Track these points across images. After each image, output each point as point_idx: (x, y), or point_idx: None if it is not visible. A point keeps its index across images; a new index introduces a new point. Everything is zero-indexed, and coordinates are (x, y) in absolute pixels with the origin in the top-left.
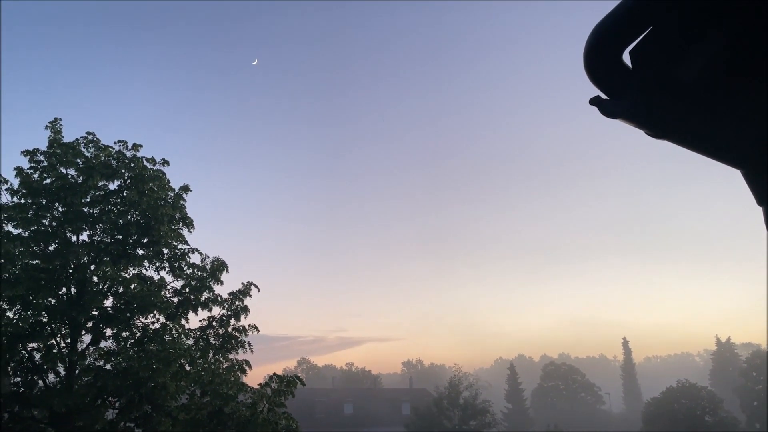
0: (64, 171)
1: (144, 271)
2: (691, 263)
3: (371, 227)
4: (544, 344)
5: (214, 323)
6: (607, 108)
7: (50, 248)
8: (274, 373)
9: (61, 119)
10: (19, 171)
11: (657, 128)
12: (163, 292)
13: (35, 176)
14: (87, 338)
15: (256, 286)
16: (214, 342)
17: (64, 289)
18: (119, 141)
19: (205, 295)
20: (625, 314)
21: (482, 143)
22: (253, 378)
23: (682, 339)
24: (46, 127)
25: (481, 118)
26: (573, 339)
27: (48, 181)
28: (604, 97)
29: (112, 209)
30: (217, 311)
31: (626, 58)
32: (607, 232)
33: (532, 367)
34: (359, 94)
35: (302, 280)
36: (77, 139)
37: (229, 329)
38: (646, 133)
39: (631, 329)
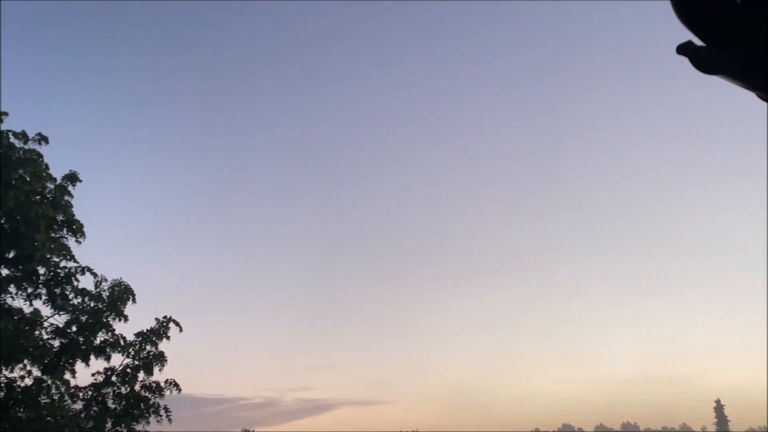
0: None
1: (10, 301)
2: None
3: (346, 244)
4: (600, 410)
5: (113, 378)
6: (704, 59)
7: None
8: None
9: None
10: None
11: None
12: (37, 332)
13: None
14: None
15: (177, 324)
16: (113, 406)
17: None
18: None
19: (101, 337)
20: (716, 369)
21: None
22: None
23: None
24: None
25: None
26: (641, 403)
27: None
28: (698, 43)
29: None
30: (118, 360)
31: None
32: (688, 256)
33: None
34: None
35: (246, 320)
36: None
37: (136, 387)
38: (759, 97)
39: (725, 390)
